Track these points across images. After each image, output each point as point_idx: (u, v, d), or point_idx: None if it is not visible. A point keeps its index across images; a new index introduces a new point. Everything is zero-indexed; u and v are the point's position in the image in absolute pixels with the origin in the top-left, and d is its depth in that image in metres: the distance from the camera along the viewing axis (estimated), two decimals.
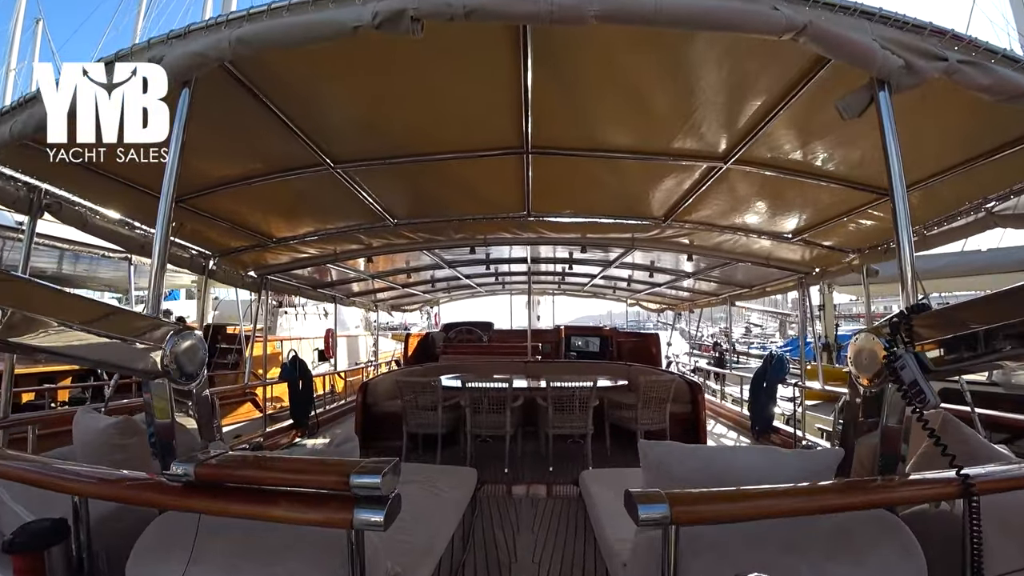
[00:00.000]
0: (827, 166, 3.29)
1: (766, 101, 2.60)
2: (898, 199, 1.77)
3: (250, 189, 3.63)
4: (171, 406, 1.96)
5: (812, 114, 2.68)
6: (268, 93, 2.53)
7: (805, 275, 6.05)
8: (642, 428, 5.45)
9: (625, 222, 4.81)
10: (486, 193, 4.30)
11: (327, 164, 3.35)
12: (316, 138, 3.07)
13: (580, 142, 3.24)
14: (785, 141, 3.00)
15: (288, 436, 6.83)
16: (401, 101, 2.77)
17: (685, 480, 1.74)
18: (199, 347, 2.02)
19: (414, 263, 7.87)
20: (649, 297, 11.72)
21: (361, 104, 2.81)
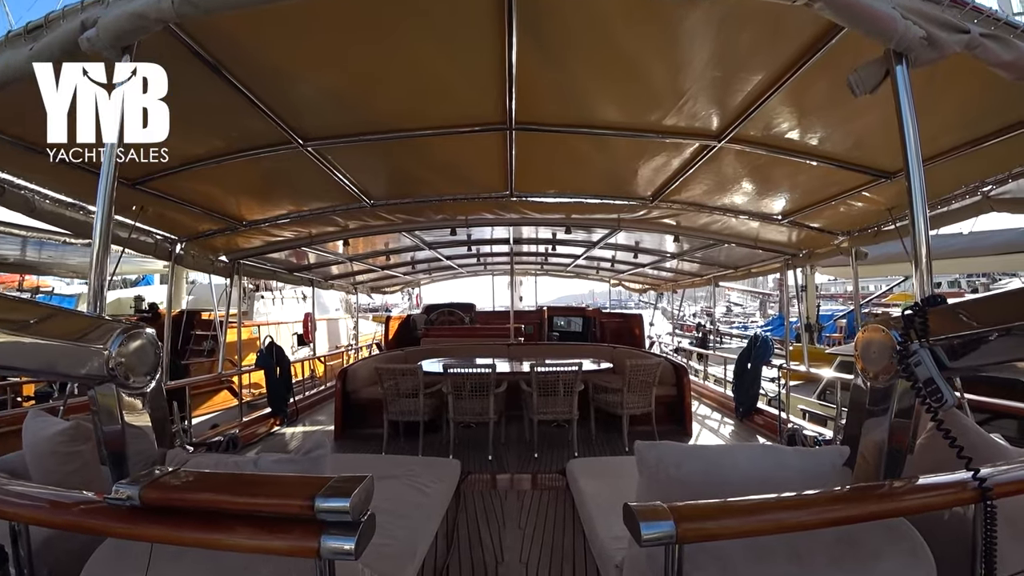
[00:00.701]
0: (823, 146, 3.17)
1: (766, 76, 2.45)
2: (915, 179, 1.64)
3: (213, 170, 3.39)
4: (120, 413, 1.79)
5: (812, 91, 2.54)
6: (224, 62, 2.31)
7: (792, 257, 6.00)
8: (628, 412, 5.37)
9: (611, 202, 4.67)
10: (467, 172, 4.11)
11: (296, 142, 3.13)
12: (282, 113, 2.84)
13: (566, 118, 3.06)
14: (782, 119, 2.85)
15: (267, 425, 6.64)
16: (374, 73, 2.55)
17: (684, 483, 1.62)
18: (151, 346, 1.83)
19: (394, 245, 7.66)
20: (632, 277, 11.66)
21: (331, 76, 2.58)
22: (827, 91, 2.53)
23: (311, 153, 3.32)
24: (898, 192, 3.65)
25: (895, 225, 3.95)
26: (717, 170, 3.73)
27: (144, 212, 3.96)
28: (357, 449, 5.47)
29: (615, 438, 5.55)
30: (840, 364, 8.46)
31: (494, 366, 5.06)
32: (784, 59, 2.30)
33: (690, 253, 7.51)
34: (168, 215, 4.25)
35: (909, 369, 1.50)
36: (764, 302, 32.82)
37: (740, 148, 3.24)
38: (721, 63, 2.39)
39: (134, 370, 1.75)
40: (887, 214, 3.99)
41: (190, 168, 3.34)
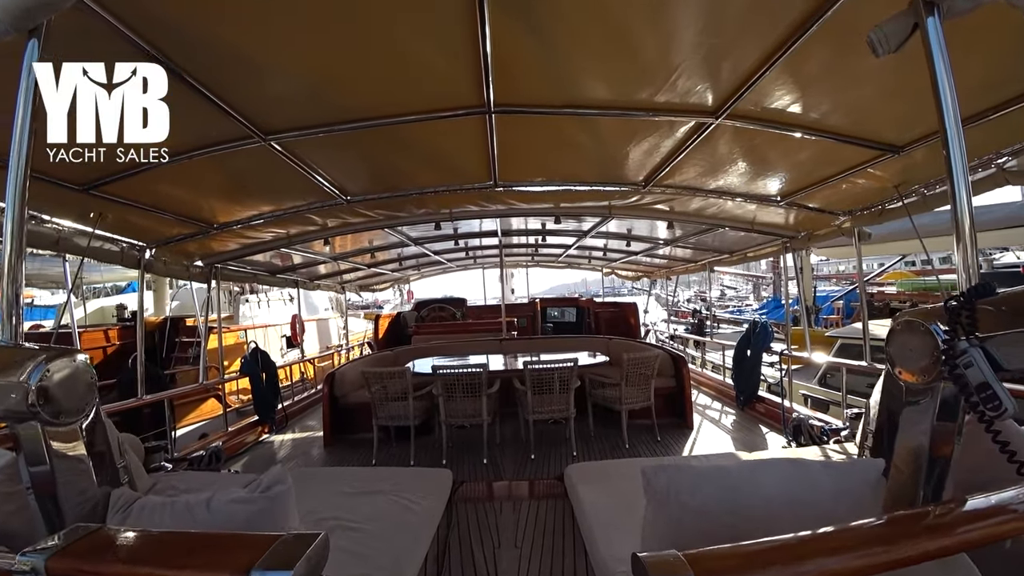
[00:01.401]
0: (827, 120, 2.93)
1: (767, 43, 2.20)
2: (953, 145, 1.41)
3: (170, 171, 3.11)
4: (47, 453, 1.54)
5: (816, 59, 2.31)
6: (160, 46, 2.04)
7: (790, 239, 5.79)
8: (626, 407, 5.17)
9: (602, 189, 4.42)
10: (448, 162, 3.85)
11: (256, 136, 2.86)
12: (237, 105, 2.57)
13: (550, 98, 2.79)
14: (784, 91, 2.61)
15: (255, 433, 6.41)
16: (337, 56, 2.28)
17: (701, 513, 1.40)
18: (83, 374, 1.59)
19: (378, 242, 7.40)
20: (625, 266, 11.44)
21: (288, 61, 2.31)
22: (832, 59, 2.31)
23: (275, 148, 3.05)
24: (905, 167, 3.44)
25: (903, 202, 3.73)
26: (713, 150, 3.49)
27: (104, 219, 3.69)
28: (346, 456, 5.27)
29: (614, 434, 5.36)
30: (841, 347, 8.30)
31: (486, 365, 4.83)
32: (788, 22, 2.05)
33: (684, 239, 7.30)
34: (132, 221, 3.97)
35: (958, 371, 1.28)
36: (757, 285, 32.82)
37: (738, 125, 2.99)
38: (718, 29, 2.14)
39: (62, 404, 1.52)
40: (893, 191, 3.77)
41: (145, 170, 3.06)
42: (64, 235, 3.63)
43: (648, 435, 5.38)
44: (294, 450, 5.71)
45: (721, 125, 2.99)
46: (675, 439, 5.33)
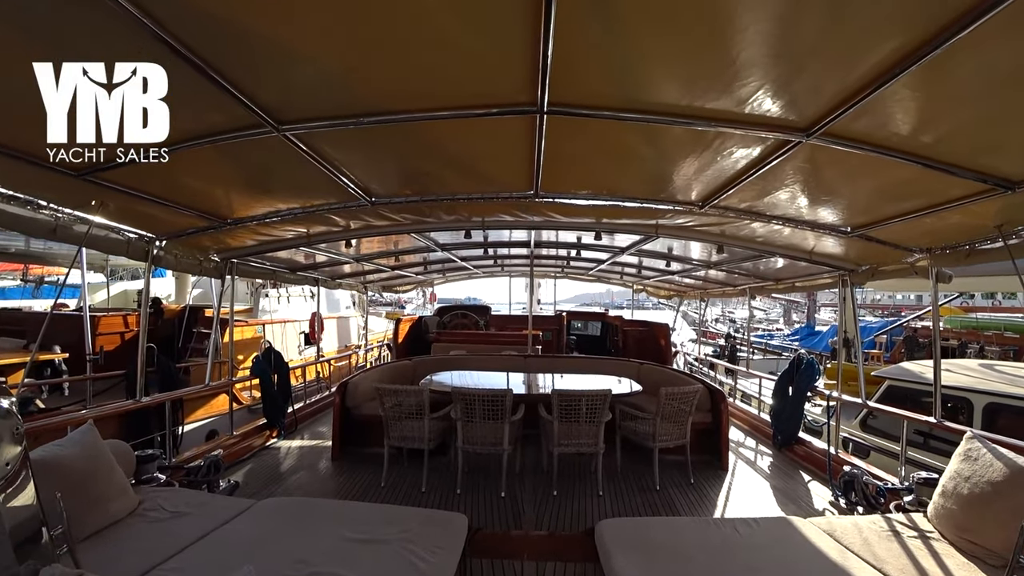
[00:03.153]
0: (941, 146, 2.46)
1: (897, 46, 1.76)
2: None
3: (175, 160, 2.77)
4: None
5: (957, 73, 1.86)
6: (158, 16, 1.69)
7: (850, 272, 5.27)
8: (660, 445, 4.72)
9: (652, 206, 3.97)
10: (484, 167, 3.46)
11: (269, 124, 2.49)
12: (246, 88, 2.21)
13: (612, 99, 2.36)
14: (902, 109, 2.15)
15: (262, 436, 6.12)
16: (362, 35, 1.89)
17: None
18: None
19: (403, 245, 7.07)
20: (659, 284, 10.92)
21: (306, 39, 1.92)
22: (976, 73, 1.86)
23: (290, 139, 2.68)
24: (1012, 206, 2.94)
25: (1006, 243, 3.22)
26: (790, 172, 3.03)
27: (105, 207, 3.40)
28: (355, 474, 4.93)
29: (644, 471, 4.92)
30: (888, 390, 7.67)
31: (510, 389, 4.42)
32: (933, 22, 1.62)
33: (729, 263, 6.81)
34: (137, 210, 3.67)
35: None
36: (789, 309, 31.76)
37: (831, 146, 2.53)
38: (840, 25, 1.71)
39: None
40: (992, 230, 3.28)
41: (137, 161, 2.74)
42: (63, 223, 3.34)
43: (681, 475, 4.92)
44: (300, 461, 5.38)
45: (809, 145, 2.54)
46: (710, 483, 4.86)
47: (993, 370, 7.38)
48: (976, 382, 6.61)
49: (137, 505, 3.06)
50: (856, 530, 2.89)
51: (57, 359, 7.77)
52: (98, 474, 2.89)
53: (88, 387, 6.65)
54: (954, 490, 2.87)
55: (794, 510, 4.26)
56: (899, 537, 2.83)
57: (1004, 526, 2.53)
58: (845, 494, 4.31)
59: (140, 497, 3.14)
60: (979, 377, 6.82)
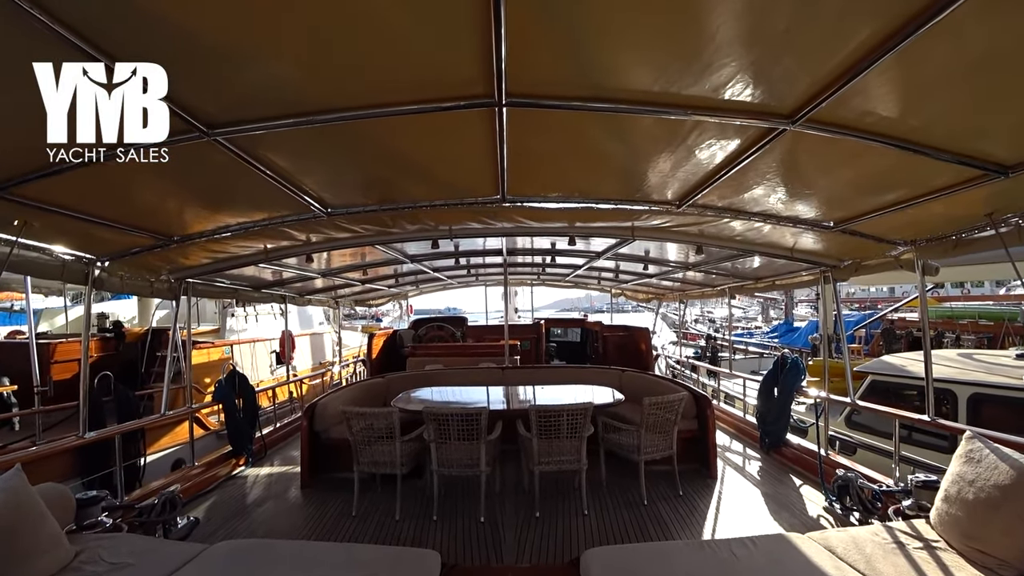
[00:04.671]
0: (933, 129, 2.28)
1: (883, 23, 1.57)
2: None
3: (98, 171, 2.48)
4: None
5: (944, 50, 1.68)
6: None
7: (832, 268, 5.14)
8: (645, 457, 4.50)
9: (627, 208, 3.76)
10: (446, 171, 3.22)
11: (198, 129, 2.22)
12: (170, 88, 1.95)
13: (577, 87, 2.13)
14: (891, 90, 1.96)
15: (228, 465, 5.76)
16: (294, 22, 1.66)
17: None
18: None
19: (371, 258, 6.77)
20: (637, 287, 10.77)
21: (228, 26, 1.65)
22: (969, 50, 1.69)
23: (224, 146, 2.41)
24: (1004, 192, 2.80)
25: (997, 231, 3.08)
26: (771, 165, 2.85)
27: (30, 227, 3.07)
28: (325, 502, 4.62)
29: (630, 484, 4.69)
30: (871, 385, 7.59)
31: (485, 407, 4.16)
32: None
33: (707, 263, 6.66)
34: (72, 229, 3.35)
35: None
36: (767, 307, 32.05)
37: (816, 133, 2.34)
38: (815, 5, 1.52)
39: None
40: (983, 219, 3.14)
41: (57, 173, 2.43)
42: None
43: (668, 487, 4.71)
44: (267, 491, 5.05)
45: (794, 133, 2.35)
46: (699, 494, 4.65)
47: (972, 359, 7.34)
48: (958, 373, 6.54)
49: (73, 558, 2.75)
50: (857, 545, 2.69)
51: (5, 392, 7.29)
52: (23, 526, 2.58)
53: (37, 421, 6.21)
54: (958, 495, 2.69)
55: (788, 519, 4.07)
56: (904, 549, 2.64)
57: (1013, 533, 2.36)
58: (840, 499, 4.14)
59: (77, 547, 2.83)
60: (961, 368, 6.75)
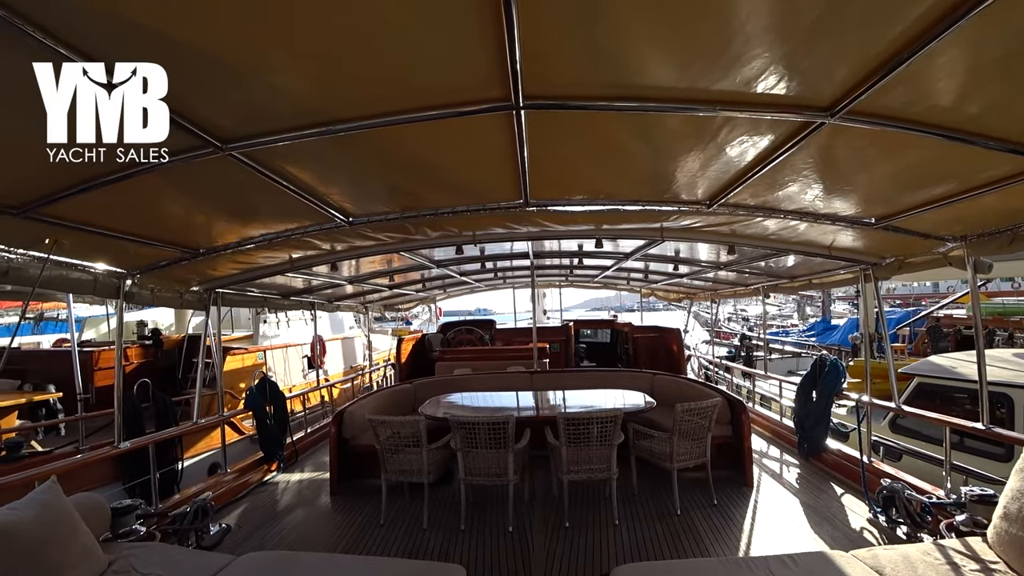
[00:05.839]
0: (986, 118, 2.11)
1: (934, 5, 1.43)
2: None
3: (120, 189, 2.49)
4: None
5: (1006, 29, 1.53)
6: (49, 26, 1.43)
7: (873, 266, 4.89)
8: (678, 465, 4.35)
9: (655, 208, 3.63)
10: (466, 177, 3.15)
11: (212, 144, 2.21)
12: (178, 103, 1.94)
13: (598, 86, 2.02)
14: (944, 78, 1.81)
15: (259, 471, 5.82)
16: (304, 35, 1.61)
17: None
18: None
19: (398, 264, 6.75)
20: (667, 288, 10.54)
21: (239, 47, 1.64)
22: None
23: (240, 159, 2.39)
24: None
25: None
26: (807, 160, 2.69)
27: (60, 246, 3.12)
28: (354, 507, 4.63)
29: (663, 494, 4.55)
30: (918, 388, 7.22)
31: (513, 415, 4.07)
32: None
33: (739, 263, 6.45)
34: (101, 245, 3.40)
35: None
36: (802, 304, 31.10)
37: (858, 126, 2.18)
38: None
39: None
40: None
41: (83, 191, 2.45)
42: (15, 264, 3.07)
43: (703, 495, 4.55)
44: (297, 498, 5.07)
45: (833, 127, 2.20)
46: (735, 503, 4.48)
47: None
48: (1015, 375, 6.15)
49: (106, 567, 2.78)
50: (909, 566, 2.51)
51: (52, 399, 7.53)
52: (56, 539, 2.61)
53: (80, 427, 6.38)
54: (1019, 513, 2.49)
55: (830, 532, 3.87)
56: (959, 572, 2.45)
57: None
58: (885, 511, 3.92)
59: (111, 556, 2.87)
60: (1017, 370, 6.35)
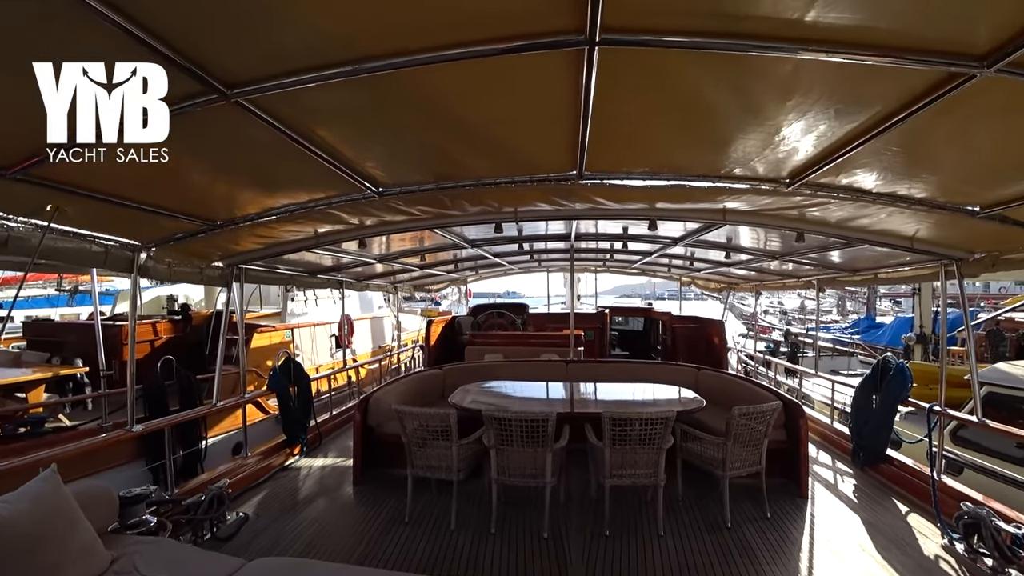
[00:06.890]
0: None
1: None
2: None
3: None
4: None
5: None
6: None
7: (958, 261, 4.30)
8: (731, 473, 3.93)
9: (725, 186, 3.15)
10: (513, 141, 2.72)
11: (216, 89, 1.86)
12: (174, 37, 1.58)
13: (692, 16, 1.58)
14: None
15: (282, 455, 5.60)
16: None
17: None
18: None
19: (429, 243, 6.41)
20: (710, 276, 9.94)
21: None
22: None
23: (249, 108, 2.03)
24: None
25: None
26: (934, 129, 2.19)
27: (63, 214, 2.84)
28: (378, 500, 4.37)
29: (711, 503, 4.16)
30: (988, 396, 6.56)
31: (553, 413, 3.71)
32: None
33: (798, 253, 5.89)
34: (109, 215, 3.11)
35: None
36: (842, 299, 29.85)
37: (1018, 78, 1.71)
38: None
39: None
40: None
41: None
42: (16, 233, 2.81)
43: (755, 507, 4.12)
44: (319, 487, 4.82)
45: (987, 80, 1.72)
46: (790, 516, 4.05)
47: None
48: None
49: (108, 566, 2.53)
50: None
51: (79, 373, 7.46)
52: (52, 535, 2.35)
53: (104, 403, 6.26)
54: None
55: (900, 558, 3.41)
56: None
57: None
58: (965, 538, 3.46)
59: (114, 553, 2.62)
60: None
